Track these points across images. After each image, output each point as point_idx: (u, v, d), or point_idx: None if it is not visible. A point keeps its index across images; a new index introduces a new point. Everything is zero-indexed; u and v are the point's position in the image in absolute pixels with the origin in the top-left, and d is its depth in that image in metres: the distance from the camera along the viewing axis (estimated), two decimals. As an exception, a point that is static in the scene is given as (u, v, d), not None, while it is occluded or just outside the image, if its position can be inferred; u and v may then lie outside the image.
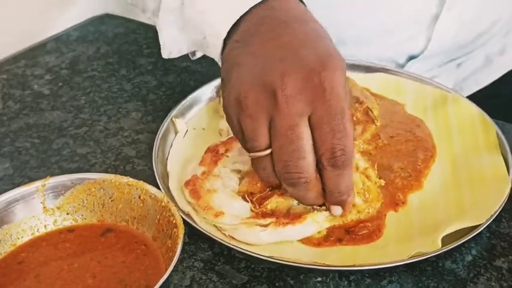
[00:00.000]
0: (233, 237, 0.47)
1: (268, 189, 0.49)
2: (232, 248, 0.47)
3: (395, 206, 0.50)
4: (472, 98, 0.61)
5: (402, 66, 0.70)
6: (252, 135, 0.44)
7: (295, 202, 0.49)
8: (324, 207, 0.48)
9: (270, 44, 0.44)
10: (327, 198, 0.46)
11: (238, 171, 0.52)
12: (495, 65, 0.75)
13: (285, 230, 0.47)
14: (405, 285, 0.45)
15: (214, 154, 0.52)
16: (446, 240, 0.46)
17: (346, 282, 0.45)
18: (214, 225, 0.48)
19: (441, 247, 0.45)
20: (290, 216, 0.48)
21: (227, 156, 0.52)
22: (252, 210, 0.48)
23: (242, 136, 0.45)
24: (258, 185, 0.50)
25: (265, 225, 0.47)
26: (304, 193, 0.45)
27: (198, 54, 0.60)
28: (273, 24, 0.46)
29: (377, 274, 0.46)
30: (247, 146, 0.45)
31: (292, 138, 0.43)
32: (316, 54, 0.43)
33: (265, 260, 0.46)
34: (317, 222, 0.47)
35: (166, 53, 0.57)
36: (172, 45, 0.56)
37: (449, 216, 0.49)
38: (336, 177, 0.44)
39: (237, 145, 0.53)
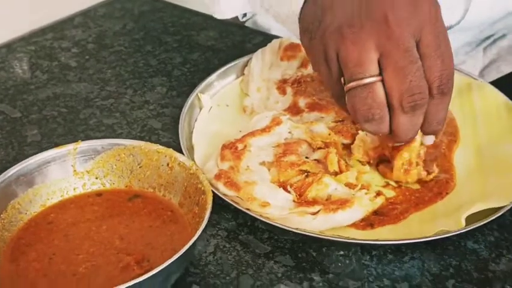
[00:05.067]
0: (284, 225, 0.46)
1: (304, 175, 0.50)
2: (256, 219, 0.47)
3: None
4: (493, 84, 0.61)
5: None
6: (358, 61, 0.43)
7: (332, 188, 0.49)
8: (364, 191, 0.49)
9: None
10: (425, 128, 0.47)
11: (264, 164, 0.52)
12: None
13: (336, 215, 0.47)
14: (427, 262, 0.45)
15: (233, 150, 0.52)
16: (468, 222, 0.47)
17: (368, 257, 0.46)
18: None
19: (465, 227, 0.46)
20: (337, 202, 0.48)
21: (249, 151, 0.52)
22: (294, 200, 0.49)
23: (329, 70, 0.45)
24: (289, 171, 0.51)
25: (315, 213, 0.47)
26: (418, 119, 0.45)
27: (249, 15, 0.61)
28: None
29: (399, 250, 0.46)
30: (350, 73, 0.44)
31: (412, 59, 0.43)
32: None
33: (288, 231, 0.46)
34: (364, 205, 0.48)
35: (220, 14, 0.59)
36: (228, 5, 0.58)
37: (473, 198, 0.49)
38: (440, 105, 0.45)
39: (253, 140, 0.53)
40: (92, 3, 0.81)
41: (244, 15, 0.61)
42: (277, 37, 0.67)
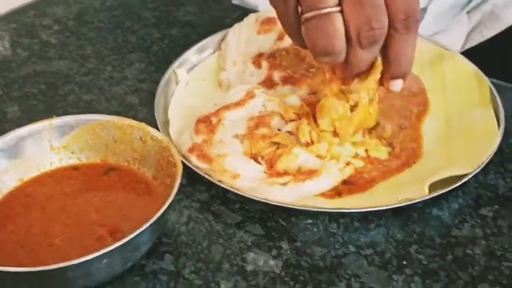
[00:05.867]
0: (254, 195, 0.48)
1: (275, 147, 0.51)
2: (228, 191, 0.49)
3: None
4: (473, 52, 0.62)
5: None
6: None
7: (302, 159, 0.50)
8: (334, 161, 0.50)
9: None
10: (394, 71, 0.46)
11: (237, 136, 0.53)
12: (500, 18, 0.76)
13: (304, 185, 0.48)
14: (391, 229, 0.47)
15: (208, 124, 0.53)
16: (434, 189, 0.48)
17: (335, 225, 0.47)
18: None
19: (429, 194, 0.47)
20: (306, 173, 0.49)
21: (223, 124, 0.53)
22: (265, 172, 0.50)
23: (285, 1, 0.44)
24: (260, 143, 0.52)
25: (285, 184, 0.48)
26: (373, 54, 0.44)
27: None
28: None
29: (365, 218, 0.48)
30: (309, 2, 0.43)
31: None
32: None
33: (258, 201, 0.48)
34: (332, 174, 0.49)
35: None
36: None
37: (439, 166, 0.50)
38: (406, 41, 0.44)
39: (228, 113, 0.54)
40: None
41: None
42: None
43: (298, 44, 0.48)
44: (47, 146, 0.49)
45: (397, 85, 0.47)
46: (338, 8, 0.43)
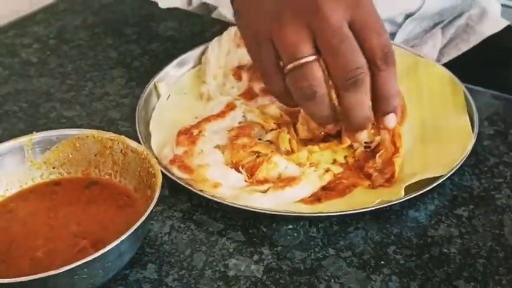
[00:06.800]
0: (235, 203, 0.48)
1: (255, 156, 0.52)
2: (210, 200, 0.50)
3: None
4: (450, 64, 0.64)
5: (400, 25, 0.73)
6: (294, 42, 0.45)
7: (282, 166, 0.51)
8: (313, 169, 0.51)
9: None
10: (382, 107, 0.47)
11: (218, 147, 0.54)
12: (475, 31, 0.78)
13: (284, 192, 0.49)
14: (370, 231, 0.48)
15: (189, 136, 0.54)
16: (411, 191, 0.49)
17: (315, 229, 0.48)
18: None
19: (406, 196, 0.48)
20: (285, 180, 0.50)
21: (204, 135, 0.54)
22: (246, 180, 0.51)
23: (265, 56, 0.47)
24: (241, 152, 0.53)
25: (265, 191, 0.49)
26: (363, 96, 0.45)
27: (194, 3, 0.62)
28: None
29: (344, 222, 0.49)
30: (288, 55, 0.45)
31: (345, 37, 0.44)
32: None
33: (240, 209, 0.49)
34: (312, 181, 0.50)
35: (164, 3, 0.62)
36: None
37: (415, 169, 0.52)
38: (389, 76, 0.46)
39: (208, 125, 0.55)
40: (53, -2, 0.82)
41: (190, 3, 0.62)
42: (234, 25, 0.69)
43: (284, 103, 0.51)
44: (28, 162, 0.50)
45: (391, 120, 0.48)
46: (314, 57, 0.45)
